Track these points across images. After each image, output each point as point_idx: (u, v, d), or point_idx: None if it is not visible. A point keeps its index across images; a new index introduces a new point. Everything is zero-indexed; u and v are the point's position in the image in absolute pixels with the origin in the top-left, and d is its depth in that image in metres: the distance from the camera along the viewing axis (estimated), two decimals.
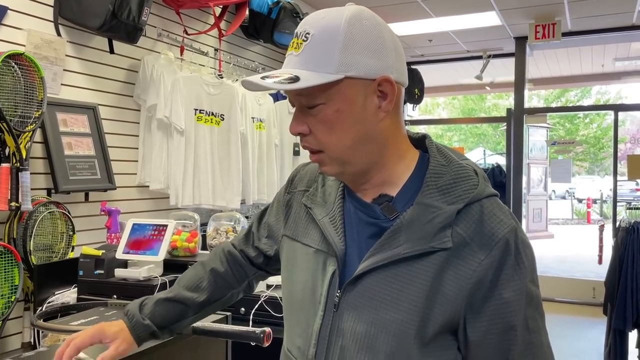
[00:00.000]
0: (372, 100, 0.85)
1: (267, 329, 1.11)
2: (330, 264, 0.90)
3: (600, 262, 5.50)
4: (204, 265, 1.16)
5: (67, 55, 2.58)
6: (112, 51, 2.76)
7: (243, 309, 1.95)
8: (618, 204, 5.84)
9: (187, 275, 1.15)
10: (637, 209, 4.26)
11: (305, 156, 4.14)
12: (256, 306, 1.92)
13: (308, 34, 0.83)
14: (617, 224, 4.31)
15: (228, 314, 1.28)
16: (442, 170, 0.88)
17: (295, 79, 0.81)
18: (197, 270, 1.15)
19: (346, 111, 0.84)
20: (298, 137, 0.90)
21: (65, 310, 1.34)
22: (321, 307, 0.89)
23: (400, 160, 0.91)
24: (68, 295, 2.18)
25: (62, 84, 2.55)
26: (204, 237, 2.47)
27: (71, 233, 2.43)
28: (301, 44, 0.84)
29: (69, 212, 2.44)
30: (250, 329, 1.13)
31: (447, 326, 0.84)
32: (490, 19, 5.30)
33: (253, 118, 3.62)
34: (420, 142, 0.94)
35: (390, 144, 0.89)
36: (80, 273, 2.14)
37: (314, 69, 0.82)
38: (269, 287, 2.01)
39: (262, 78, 0.84)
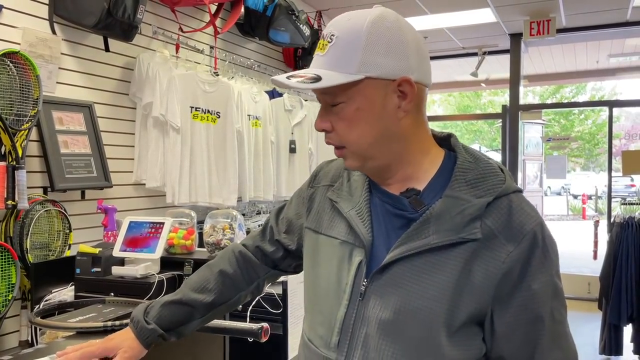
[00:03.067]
0: (392, 99, 0.88)
1: (265, 325, 1.12)
2: (357, 255, 0.93)
3: (595, 257, 5.53)
4: (212, 267, 1.15)
5: (62, 54, 2.57)
6: (107, 49, 2.75)
7: (240, 305, 1.96)
8: (613, 199, 5.87)
9: (194, 277, 1.14)
10: (632, 204, 4.29)
11: (301, 153, 4.14)
12: (253, 302, 1.93)
13: (333, 35, 0.87)
14: (612, 219, 4.34)
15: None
16: (470, 166, 0.92)
17: (318, 79, 0.85)
18: (205, 272, 1.14)
19: (366, 109, 0.88)
20: (294, 135, 0.93)
21: (62, 308, 1.35)
22: (346, 296, 0.92)
23: (424, 156, 0.94)
24: (65, 294, 2.18)
25: (57, 82, 2.55)
26: (200, 234, 2.47)
27: (68, 231, 2.43)
28: (326, 45, 0.88)
29: (65, 211, 2.44)
30: (248, 324, 1.14)
31: (475, 317, 0.86)
32: (485, 15, 5.31)
33: (249, 115, 3.62)
34: (444, 141, 0.98)
35: (412, 141, 0.93)
36: (77, 271, 2.14)
37: (336, 69, 0.86)
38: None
39: (288, 77, 0.89)
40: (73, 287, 2.18)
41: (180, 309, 1.09)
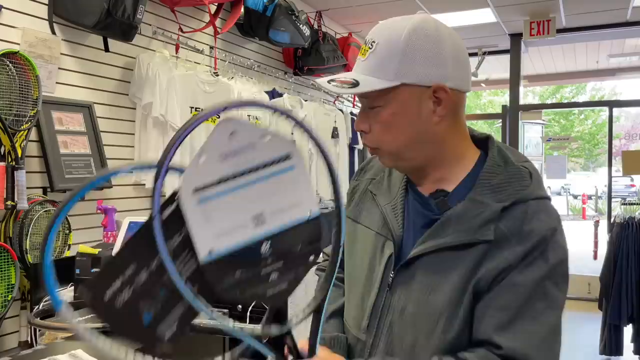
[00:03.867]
0: (428, 105, 0.93)
1: None
2: (388, 247, 0.99)
3: (595, 257, 5.53)
4: None
5: (62, 54, 2.57)
6: (107, 49, 2.75)
7: (240, 306, 1.95)
8: (613, 199, 5.87)
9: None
10: (632, 204, 4.28)
11: None
12: (254, 303, 1.93)
13: (374, 42, 0.93)
14: (612, 219, 4.34)
15: (225, 311, 1.28)
16: (498, 170, 0.95)
17: (356, 84, 0.91)
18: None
19: (401, 114, 0.93)
20: (294, 135, 0.93)
21: None
22: (376, 285, 0.99)
23: (458, 160, 0.98)
24: (65, 294, 2.17)
25: (57, 83, 2.54)
26: None
27: (67, 232, 2.43)
28: (367, 51, 0.94)
29: None
30: (247, 325, 1.13)
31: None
32: (485, 15, 5.31)
33: (249, 116, 3.61)
34: (483, 143, 1.02)
35: (447, 145, 0.97)
36: (77, 271, 2.14)
37: (375, 75, 0.91)
38: None
39: (329, 82, 0.94)
40: (72, 287, 2.18)
41: (335, 321, 1.11)
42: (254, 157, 0.65)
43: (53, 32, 2.52)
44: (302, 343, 0.74)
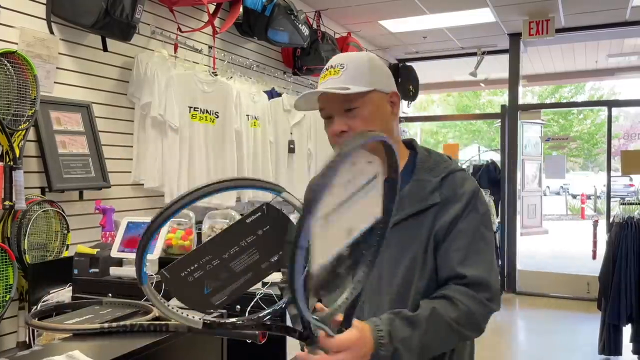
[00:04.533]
0: (387, 107, 1.25)
1: None
2: None
3: (594, 257, 5.53)
4: None
5: (60, 53, 2.56)
6: (105, 49, 2.75)
7: (239, 306, 1.95)
8: (612, 199, 5.86)
9: None
10: (631, 204, 4.28)
11: (300, 153, 4.14)
12: (252, 303, 1.93)
13: (342, 64, 1.22)
14: (611, 219, 4.33)
15: (224, 311, 1.28)
16: (427, 158, 1.29)
17: (346, 89, 1.18)
18: None
19: (374, 112, 1.22)
20: (293, 135, 1.01)
21: (60, 309, 1.34)
22: None
23: (401, 153, 1.27)
24: (63, 294, 2.17)
25: (55, 82, 2.54)
26: (199, 234, 2.46)
27: (65, 232, 2.43)
28: (339, 71, 1.21)
29: (63, 211, 2.43)
30: None
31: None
32: (484, 15, 5.31)
33: (248, 115, 3.61)
34: (407, 144, 1.35)
35: (394, 139, 1.23)
36: (75, 272, 2.13)
37: (354, 84, 1.19)
38: (264, 284, 2.02)
39: (322, 94, 1.21)
40: (71, 287, 2.17)
41: None
42: (360, 180, 0.80)
43: (51, 32, 2.52)
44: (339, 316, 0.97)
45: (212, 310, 0.98)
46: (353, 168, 0.78)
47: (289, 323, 1.01)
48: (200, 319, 0.91)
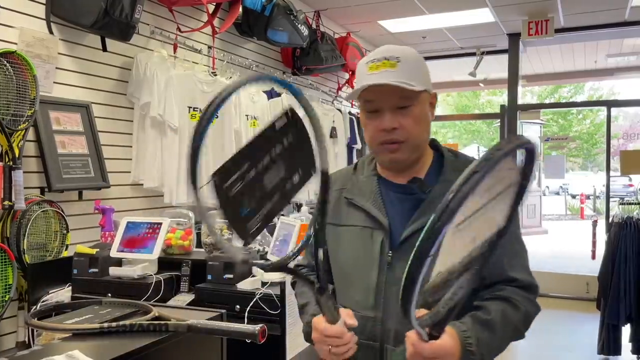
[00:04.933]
0: (429, 108, 1.24)
1: (262, 326, 1.11)
2: (377, 235, 1.20)
3: (593, 257, 5.52)
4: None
5: (59, 53, 2.56)
6: (104, 49, 2.75)
7: (238, 306, 1.95)
8: (611, 199, 5.86)
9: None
10: (630, 204, 4.28)
11: None
12: (251, 303, 1.93)
13: (398, 58, 1.17)
14: (610, 219, 4.33)
15: (223, 311, 1.28)
16: (453, 159, 1.26)
17: (408, 84, 1.15)
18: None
19: (423, 112, 1.21)
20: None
21: (59, 309, 1.34)
22: (375, 266, 1.19)
23: (427, 154, 1.28)
24: (62, 294, 2.17)
25: (54, 82, 2.54)
26: (198, 234, 2.47)
27: (65, 232, 2.43)
28: (395, 64, 1.17)
29: (62, 211, 2.43)
30: (245, 326, 1.13)
31: None
32: (483, 15, 5.31)
33: (247, 115, 3.61)
34: (430, 144, 1.30)
35: (427, 141, 1.27)
36: (75, 272, 2.14)
37: (412, 80, 1.16)
38: (264, 284, 2.02)
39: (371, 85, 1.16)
40: (70, 287, 2.17)
41: None
42: (497, 188, 0.79)
43: (51, 32, 2.52)
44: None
45: (248, 243, 0.98)
46: (496, 174, 0.75)
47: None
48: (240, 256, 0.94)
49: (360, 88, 1.18)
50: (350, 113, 5.22)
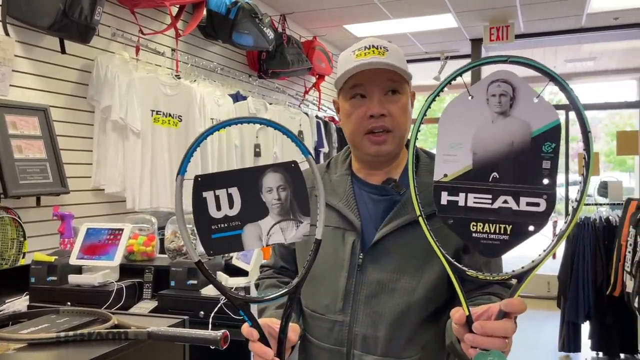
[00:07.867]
0: (410, 104, 1.22)
1: (225, 332, 1.10)
2: (349, 236, 1.17)
3: (554, 257, 5.68)
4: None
5: (16, 56, 2.49)
6: (63, 51, 2.68)
7: (202, 312, 1.93)
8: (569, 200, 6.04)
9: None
10: (588, 205, 4.42)
11: (266, 157, 4.12)
12: (215, 309, 1.91)
13: (386, 47, 1.16)
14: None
15: (186, 317, 1.26)
16: (428, 160, 1.22)
17: (400, 69, 1.14)
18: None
19: (409, 104, 1.20)
20: (259, 139, 1.00)
21: (15, 319, 1.30)
22: (345, 269, 1.16)
23: (402, 153, 1.24)
24: (19, 304, 2.10)
25: (10, 85, 2.46)
26: (161, 240, 2.42)
27: (22, 239, 2.35)
28: (384, 52, 1.15)
29: (19, 218, 2.35)
30: (207, 332, 1.11)
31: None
32: (446, 21, 5.41)
33: (212, 119, 3.58)
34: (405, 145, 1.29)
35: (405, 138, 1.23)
36: (32, 280, 2.07)
37: (402, 67, 1.15)
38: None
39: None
40: (27, 296, 2.11)
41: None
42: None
43: (6, 34, 2.44)
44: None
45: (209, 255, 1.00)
46: None
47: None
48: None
49: (352, 69, 1.14)
50: (317, 117, 5.23)
